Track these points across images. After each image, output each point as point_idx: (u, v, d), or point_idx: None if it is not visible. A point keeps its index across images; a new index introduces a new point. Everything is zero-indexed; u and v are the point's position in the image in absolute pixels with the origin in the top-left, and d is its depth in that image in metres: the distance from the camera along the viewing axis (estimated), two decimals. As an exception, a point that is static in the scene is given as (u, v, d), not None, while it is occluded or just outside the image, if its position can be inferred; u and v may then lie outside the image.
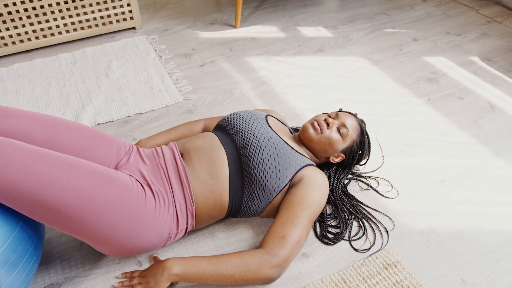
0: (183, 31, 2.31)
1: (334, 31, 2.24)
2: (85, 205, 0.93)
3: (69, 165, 0.93)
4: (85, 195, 0.93)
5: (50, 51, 2.16)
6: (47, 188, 0.88)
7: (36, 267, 1.02)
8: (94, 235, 0.98)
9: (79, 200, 0.92)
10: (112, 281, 1.14)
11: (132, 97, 1.82)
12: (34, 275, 1.02)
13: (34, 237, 0.98)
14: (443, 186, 1.37)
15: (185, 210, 1.11)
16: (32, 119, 1.05)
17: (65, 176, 0.91)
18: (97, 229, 0.97)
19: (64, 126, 1.09)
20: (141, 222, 1.02)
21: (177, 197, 1.10)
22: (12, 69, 2.02)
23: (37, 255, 0.99)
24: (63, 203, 0.90)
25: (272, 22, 2.36)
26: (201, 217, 1.15)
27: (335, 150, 1.29)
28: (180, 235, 1.14)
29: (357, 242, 1.21)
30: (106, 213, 0.96)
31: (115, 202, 0.98)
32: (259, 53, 2.09)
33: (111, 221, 0.97)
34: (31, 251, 0.96)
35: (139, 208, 1.02)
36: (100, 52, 2.14)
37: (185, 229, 1.14)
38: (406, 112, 1.68)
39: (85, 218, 0.94)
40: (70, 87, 1.89)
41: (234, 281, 1.05)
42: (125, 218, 0.99)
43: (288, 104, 1.74)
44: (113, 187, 0.99)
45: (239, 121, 1.24)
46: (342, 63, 1.98)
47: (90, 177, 0.96)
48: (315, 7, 2.48)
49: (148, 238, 1.05)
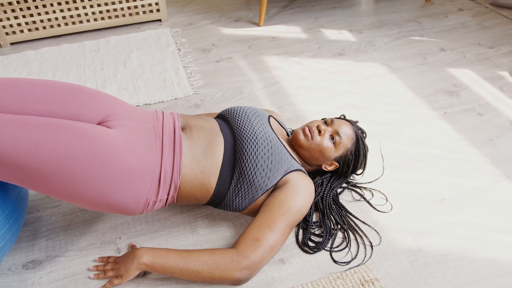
0: (206, 26, 2.32)
1: (358, 35, 2.18)
2: (48, 165, 0.92)
3: (32, 123, 0.93)
4: (46, 155, 0.91)
5: (78, 37, 2.24)
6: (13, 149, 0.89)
7: (13, 237, 1.04)
8: (67, 190, 0.96)
9: (40, 160, 0.91)
10: (90, 264, 1.16)
11: (144, 87, 1.85)
12: (10, 247, 1.05)
13: (7, 204, 0.99)
14: (441, 206, 1.29)
15: (170, 180, 1.07)
16: (5, 84, 1.03)
17: (29, 134, 0.91)
18: (70, 184, 0.95)
19: (37, 86, 1.06)
20: (114, 181, 0.98)
21: (165, 165, 1.05)
22: (40, 53, 2.11)
23: (11, 224, 1.01)
24: (31, 163, 0.90)
25: (296, 22, 2.32)
26: (184, 193, 1.11)
27: (326, 158, 1.25)
28: (159, 205, 1.10)
29: (338, 254, 1.17)
30: (72, 172, 0.94)
31: (82, 160, 0.94)
32: (277, 52, 2.06)
33: (79, 180, 0.95)
34: (2, 219, 0.97)
35: (112, 166, 0.98)
36: (124, 41, 2.19)
37: (165, 199, 1.09)
38: (417, 124, 1.60)
39: (55, 175, 0.93)
40: (88, 73, 1.95)
41: (201, 278, 1.04)
42: (95, 176, 0.96)
43: (296, 106, 1.71)
44: (81, 143, 0.95)
45: (242, 114, 1.22)
46: (360, 69, 1.92)
47: (51, 133, 0.93)
48: (343, 10, 2.42)
49: (123, 198, 1.01)
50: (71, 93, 1.07)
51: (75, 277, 1.12)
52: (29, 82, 1.05)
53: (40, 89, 1.05)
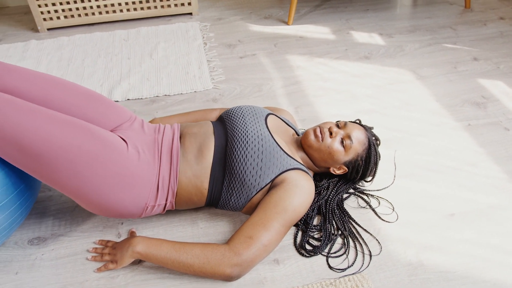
0: (235, 22, 2.33)
1: (388, 39, 2.12)
2: (61, 155, 0.97)
3: (50, 116, 0.98)
4: (60, 144, 0.97)
5: (110, 26, 2.30)
6: (23, 134, 0.94)
7: (22, 216, 1.09)
8: (71, 188, 1.02)
9: (55, 149, 0.96)
10: (90, 246, 1.19)
11: (166, 78, 1.88)
12: (19, 223, 1.10)
13: (19, 184, 1.04)
14: (451, 221, 1.24)
15: (167, 186, 1.12)
16: (33, 78, 1.12)
17: (43, 125, 0.96)
18: (73, 181, 1.01)
19: (64, 87, 1.15)
20: (116, 182, 1.04)
21: (162, 172, 1.11)
22: (73, 39, 2.19)
23: (20, 203, 1.06)
24: (38, 151, 0.95)
25: (326, 23, 2.28)
26: (181, 198, 1.15)
27: (335, 161, 1.22)
28: (157, 210, 1.15)
29: (335, 260, 1.14)
30: (81, 165, 0.99)
31: (91, 157, 1.00)
32: (302, 52, 2.04)
33: (85, 175, 1.00)
34: (13, 196, 1.02)
35: (115, 167, 1.04)
36: (153, 33, 2.24)
37: (163, 205, 1.14)
38: (436, 134, 1.53)
39: (61, 169, 0.98)
40: (115, 62, 2.00)
41: (192, 271, 1.04)
42: (100, 173, 1.02)
43: (314, 107, 1.68)
44: (93, 142, 1.02)
45: (238, 115, 1.23)
46: (385, 74, 1.87)
47: (71, 130, 0.99)
48: (377, 13, 2.36)
49: (122, 201, 1.07)
50: (90, 99, 1.18)
51: (75, 257, 1.16)
52: (55, 80, 1.14)
53: (64, 89, 1.14)
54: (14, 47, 2.12)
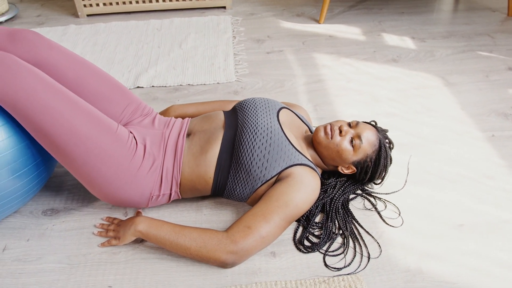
0: (267, 18, 2.34)
1: (420, 44, 2.06)
2: (75, 143, 1.03)
3: (74, 104, 1.04)
4: (77, 134, 1.03)
5: (145, 16, 2.37)
6: (45, 116, 0.99)
7: (36, 187, 1.15)
8: (81, 174, 1.09)
9: (70, 137, 1.02)
10: (97, 221, 1.24)
11: (192, 68, 1.92)
12: (34, 193, 1.16)
13: (37, 157, 1.11)
14: (458, 231, 1.20)
15: (171, 176, 1.16)
16: (71, 59, 1.18)
17: (65, 112, 1.01)
18: (83, 169, 1.07)
19: (96, 74, 1.21)
20: (123, 175, 1.10)
21: (166, 164, 1.16)
22: (109, 26, 2.28)
23: (36, 175, 1.12)
24: (55, 134, 1.01)
25: (358, 23, 2.25)
26: (186, 187, 1.19)
27: (343, 160, 1.21)
28: (163, 199, 1.20)
29: (332, 258, 1.14)
30: (93, 156, 1.06)
31: (103, 149, 1.06)
32: (329, 51, 2.02)
33: (95, 165, 1.07)
34: (31, 167, 1.09)
35: (125, 162, 1.09)
36: (185, 24, 2.29)
37: (168, 194, 1.18)
38: (456, 143, 1.49)
39: (73, 155, 1.05)
40: (145, 50, 2.06)
41: (189, 254, 1.07)
42: (109, 166, 1.08)
43: (333, 107, 1.67)
44: (106, 136, 1.07)
45: (250, 106, 1.24)
46: (411, 78, 1.82)
47: (88, 120, 1.05)
48: (411, 17, 2.30)
49: (128, 192, 1.13)
50: (116, 91, 1.25)
51: (82, 231, 1.21)
52: (90, 67, 1.22)
53: (96, 77, 1.21)
54: (54, 31, 2.23)
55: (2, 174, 1.02)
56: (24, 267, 1.12)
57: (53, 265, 1.12)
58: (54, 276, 1.10)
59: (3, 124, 1.02)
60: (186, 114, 1.46)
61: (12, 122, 1.04)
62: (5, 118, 1.03)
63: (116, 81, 1.27)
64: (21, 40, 1.11)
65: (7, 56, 1.00)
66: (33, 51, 1.12)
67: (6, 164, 1.02)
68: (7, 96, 0.98)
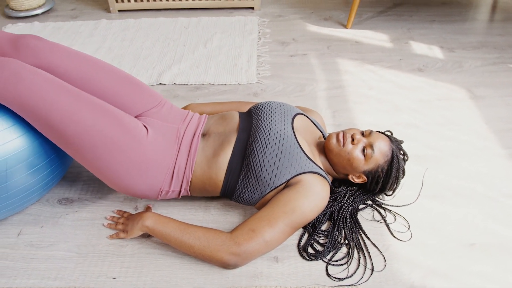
0: (294, 20, 2.33)
1: (449, 54, 2.01)
2: (82, 135, 1.05)
3: (78, 98, 1.06)
4: (84, 125, 1.05)
5: (174, 13, 2.41)
6: (51, 112, 1.03)
7: (52, 181, 1.20)
8: (91, 165, 1.11)
9: (77, 129, 1.04)
10: (108, 214, 1.28)
11: (214, 68, 1.94)
12: (49, 187, 1.21)
13: (51, 154, 1.15)
14: (469, 250, 1.16)
15: (182, 175, 1.18)
16: (74, 57, 1.19)
17: (71, 106, 1.04)
18: (93, 160, 1.09)
19: (102, 69, 1.22)
20: (132, 166, 1.11)
21: (179, 161, 1.17)
22: (138, 22, 2.33)
23: (51, 170, 1.16)
24: (65, 130, 1.05)
25: (386, 30, 2.21)
26: (196, 187, 1.20)
27: (354, 169, 1.20)
28: (172, 195, 1.21)
29: (334, 268, 1.13)
30: (101, 147, 1.07)
31: (111, 140, 1.07)
32: (353, 57, 2.00)
33: (104, 156, 1.08)
34: (46, 163, 1.14)
35: (133, 152, 1.10)
36: (213, 23, 2.31)
37: (178, 191, 1.20)
38: (476, 159, 1.44)
39: (81, 147, 1.07)
40: (171, 47, 2.10)
41: (192, 252, 1.09)
42: (117, 156, 1.09)
43: (351, 114, 1.65)
44: (114, 127, 1.08)
45: (266, 110, 1.24)
46: (436, 88, 1.78)
47: (95, 112, 1.07)
48: (442, 25, 2.24)
49: (138, 183, 1.14)
50: (124, 82, 1.23)
51: (93, 222, 1.25)
52: (94, 61, 1.22)
53: (103, 72, 1.21)
54: (86, 24, 2.30)
55: (18, 170, 1.07)
56: (36, 252, 1.17)
57: (63, 253, 1.16)
58: (62, 264, 1.14)
59: (15, 124, 1.06)
60: (203, 113, 1.48)
61: (24, 121, 1.08)
62: (16, 118, 1.07)
63: (124, 73, 1.26)
64: (24, 47, 1.13)
65: (10, 60, 1.03)
66: (36, 56, 1.14)
67: (21, 160, 1.07)
68: (14, 99, 1.01)
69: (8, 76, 1.01)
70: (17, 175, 1.07)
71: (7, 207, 1.12)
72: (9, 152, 1.04)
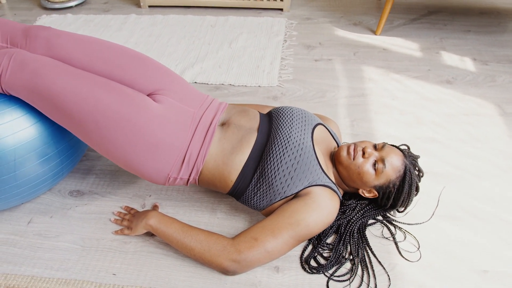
0: (322, 24, 2.29)
1: (481, 66, 1.92)
2: (88, 110, 1.04)
3: (86, 78, 1.06)
4: (90, 102, 1.04)
5: (202, 11, 2.42)
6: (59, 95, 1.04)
7: (64, 170, 1.22)
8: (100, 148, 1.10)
9: (83, 104, 1.04)
10: (116, 209, 1.29)
11: (236, 68, 1.92)
12: (62, 176, 1.23)
13: (63, 143, 1.17)
14: (481, 277, 1.10)
15: (194, 163, 1.13)
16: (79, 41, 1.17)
17: (78, 86, 1.04)
18: (100, 144, 1.08)
19: (108, 48, 1.18)
20: (142, 147, 1.07)
21: (191, 148, 1.12)
22: (166, 18, 2.35)
23: (61, 160, 1.19)
24: (70, 110, 1.04)
25: (417, 38, 2.14)
26: (205, 178, 1.16)
27: (364, 183, 1.16)
28: (180, 182, 1.17)
29: (336, 284, 1.09)
30: (108, 128, 1.05)
31: (120, 119, 1.05)
32: (380, 65, 1.94)
33: (113, 136, 1.06)
34: (58, 152, 1.16)
35: (144, 133, 1.07)
36: (240, 23, 2.30)
37: (186, 179, 1.16)
38: (499, 180, 1.37)
39: (87, 124, 1.06)
40: (196, 45, 2.10)
41: (193, 255, 1.08)
42: (128, 137, 1.06)
43: (371, 124, 1.60)
44: (124, 105, 1.06)
45: (287, 116, 1.19)
46: (463, 103, 1.70)
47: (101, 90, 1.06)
48: (478, 36, 2.15)
49: (146, 166, 1.10)
50: (134, 60, 1.18)
51: (100, 215, 1.27)
52: (101, 44, 1.18)
53: (109, 52, 1.17)
54: (116, 19, 2.34)
55: (30, 158, 1.09)
56: (43, 242, 1.20)
57: (68, 245, 1.18)
58: (66, 255, 1.16)
59: (27, 113, 1.09)
60: None
61: (34, 111, 1.11)
62: (27, 108, 1.10)
63: (134, 51, 1.21)
64: (34, 38, 1.14)
65: (17, 51, 1.06)
66: (46, 46, 1.15)
67: (32, 150, 1.09)
68: (23, 86, 1.04)
69: (14, 67, 1.04)
70: (27, 164, 1.10)
71: (17, 195, 1.14)
72: (19, 142, 1.07)
